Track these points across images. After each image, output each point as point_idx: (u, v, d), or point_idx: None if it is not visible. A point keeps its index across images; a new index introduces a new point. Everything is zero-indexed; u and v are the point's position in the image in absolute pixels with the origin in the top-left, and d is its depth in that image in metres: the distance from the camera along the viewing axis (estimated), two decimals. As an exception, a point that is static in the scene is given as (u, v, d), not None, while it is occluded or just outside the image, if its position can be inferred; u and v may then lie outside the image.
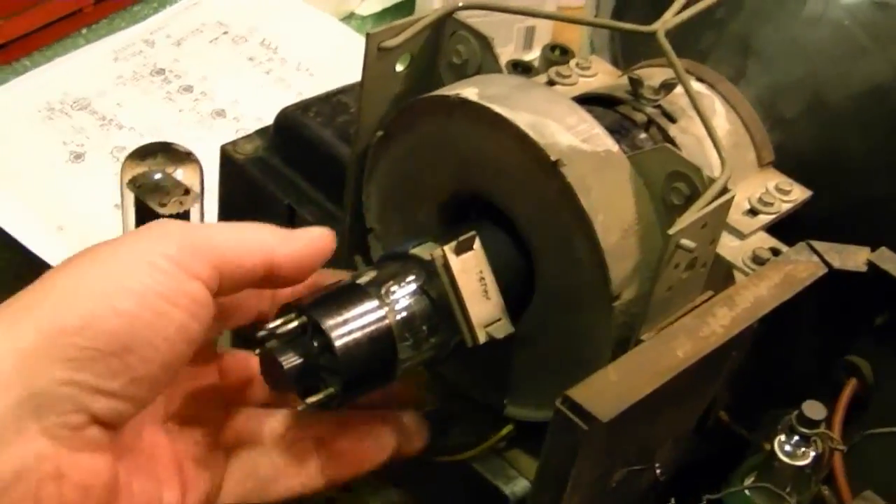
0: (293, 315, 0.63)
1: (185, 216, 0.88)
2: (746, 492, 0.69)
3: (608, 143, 0.66)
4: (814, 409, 0.67)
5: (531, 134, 0.64)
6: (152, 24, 1.43)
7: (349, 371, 0.62)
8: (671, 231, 0.59)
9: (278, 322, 0.62)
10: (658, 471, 0.68)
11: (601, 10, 0.94)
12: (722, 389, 0.71)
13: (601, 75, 0.81)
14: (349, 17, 1.56)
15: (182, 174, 0.90)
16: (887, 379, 0.72)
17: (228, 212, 0.98)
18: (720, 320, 0.63)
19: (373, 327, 0.63)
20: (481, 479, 0.72)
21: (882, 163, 0.80)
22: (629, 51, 0.87)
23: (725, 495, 0.69)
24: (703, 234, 0.62)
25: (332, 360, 0.62)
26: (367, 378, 0.63)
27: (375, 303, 0.63)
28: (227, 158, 0.95)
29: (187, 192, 0.88)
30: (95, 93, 1.33)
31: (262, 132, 0.96)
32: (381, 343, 0.63)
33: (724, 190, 0.62)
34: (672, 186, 0.64)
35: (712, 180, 0.62)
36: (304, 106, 0.94)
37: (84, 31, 1.46)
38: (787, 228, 0.75)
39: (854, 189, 0.81)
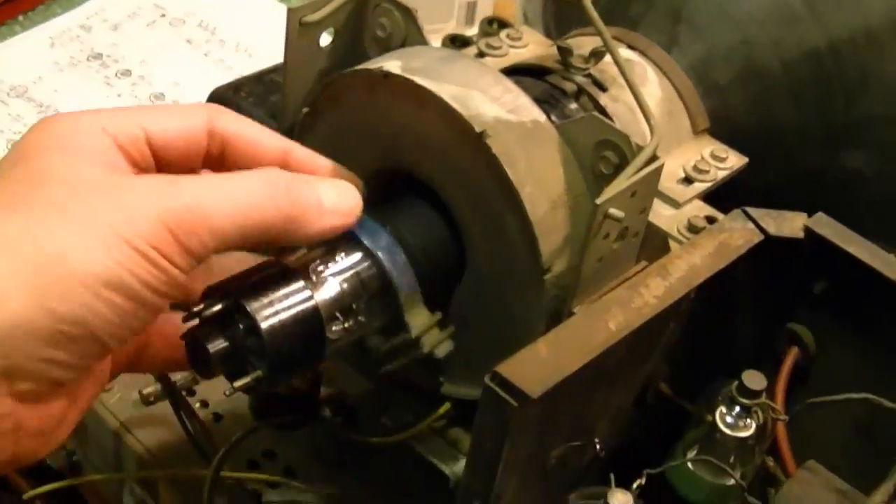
0: (218, 297, 0.61)
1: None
2: (689, 465, 0.67)
3: (535, 113, 0.64)
4: (754, 378, 0.65)
5: (455, 106, 0.62)
6: (89, 9, 1.41)
7: (276, 353, 0.60)
8: (599, 200, 0.58)
9: (203, 305, 0.61)
10: (598, 446, 0.67)
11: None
12: (661, 362, 0.69)
13: (532, 46, 0.80)
14: (290, -2, 1.54)
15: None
16: (828, 346, 0.71)
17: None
18: (653, 291, 0.62)
19: (299, 308, 0.61)
20: (421, 459, 0.71)
21: (816, 132, 0.79)
22: (562, 21, 0.86)
23: (668, 468, 0.67)
24: (633, 203, 0.60)
25: (259, 343, 0.60)
26: (294, 360, 0.62)
27: (301, 283, 0.62)
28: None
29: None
30: (32, 79, 1.31)
31: (195, 114, 0.94)
32: (308, 324, 0.61)
33: (654, 157, 0.61)
34: (601, 155, 0.63)
35: (641, 148, 0.61)
36: (236, 86, 0.92)
37: (21, 17, 1.43)
38: (726, 197, 0.74)
39: (790, 157, 0.80)
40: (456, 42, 0.96)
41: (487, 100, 0.63)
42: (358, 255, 0.63)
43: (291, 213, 0.58)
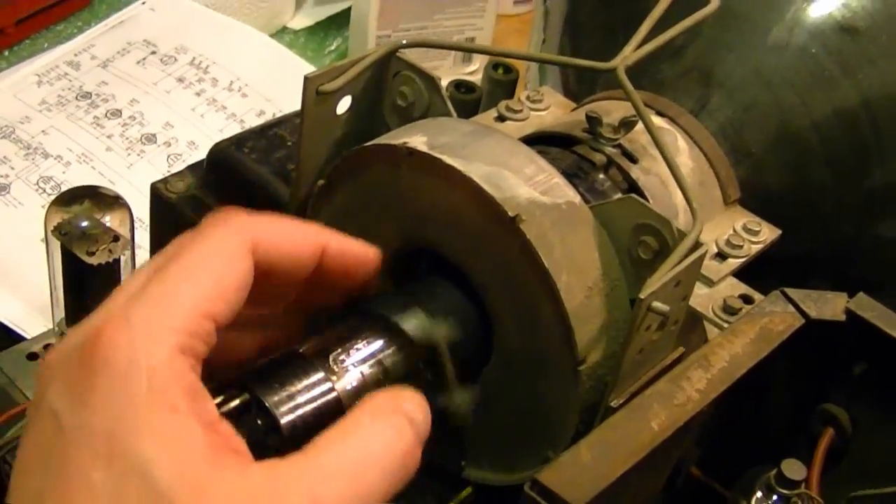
0: (234, 391, 0.58)
1: (114, 265, 0.82)
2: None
3: (569, 195, 0.61)
4: (793, 468, 0.63)
5: (487, 188, 0.59)
6: (76, 44, 1.37)
7: (297, 449, 0.57)
8: (642, 294, 0.55)
9: (219, 400, 0.57)
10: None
11: (549, 22, 0.89)
12: (691, 445, 0.67)
13: (553, 108, 0.77)
14: (281, 32, 1.50)
15: (110, 220, 0.84)
16: (865, 429, 0.69)
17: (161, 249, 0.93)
18: (695, 384, 0.59)
19: (320, 402, 0.58)
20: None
21: (852, 197, 0.76)
22: (583, 79, 0.83)
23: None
24: (676, 293, 0.57)
25: (279, 440, 0.57)
26: None
27: (321, 374, 0.58)
28: (158, 197, 0.89)
29: (116, 238, 0.82)
30: (19, 119, 1.26)
31: (194, 168, 0.91)
32: (329, 417, 0.58)
33: (697, 245, 0.58)
34: (640, 240, 0.60)
35: (682, 234, 0.58)
36: (239, 140, 0.89)
37: (6, 53, 1.39)
38: (755, 272, 0.71)
39: (824, 226, 0.77)
40: (461, 88, 0.94)
41: (520, 180, 0.60)
42: (381, 342, 0.60)
43: None
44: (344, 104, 0.69)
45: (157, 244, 0.92)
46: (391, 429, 0.52)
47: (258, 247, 0.53)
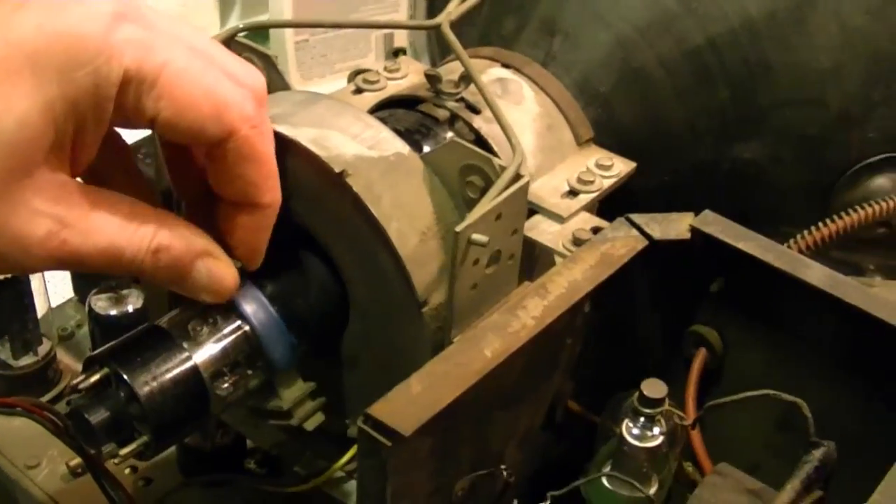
0: (96, 368, 0.60)
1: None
2: (604, 481, 0.66)
3: (397, 146, 0.63)
4: (654, 387, 0.64)
5: (313, 148, 0.62)
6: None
7: (157, 418, 0.59)
8: (458, 228, 0.57)
9: (82, 377, 0.60)
10: (505, 473, 0.66)
11: (416, 7, 0.91)
12: (565, 379, 0.68)
13: (412, 76, 0.79)
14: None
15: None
16: (735, 345, 0.70)
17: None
18: (531, 312, 0.61)
19: (177, 370, 0.60)
20: (336, 502, 0.70)
21: (704, 127, 0.78)
22: (445, 48, 0.85)
23: (586, 488, 0.66)
24: (500, 226, 0.60)
25: (140, 409, 0.59)
26: (178, 422, 0.61)
27: (178, 345, 0.61)
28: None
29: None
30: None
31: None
32: (188, 385, 0.61)
33: (517, 176, 0.60)
34: (466, 180, 0.62)
35: (504, 168, 0.60)
36: (134, 148, 0.91)
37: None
38: (621, 207, 0.73)
39: (681, 156, 0.79)
40: (356, 75, 0.96)
41: (347, 138, 0.62)
42: (235, 323, 0.63)
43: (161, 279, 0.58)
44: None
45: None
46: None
47: None
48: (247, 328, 0.62)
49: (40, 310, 0.90)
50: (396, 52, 0.97)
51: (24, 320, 0.88)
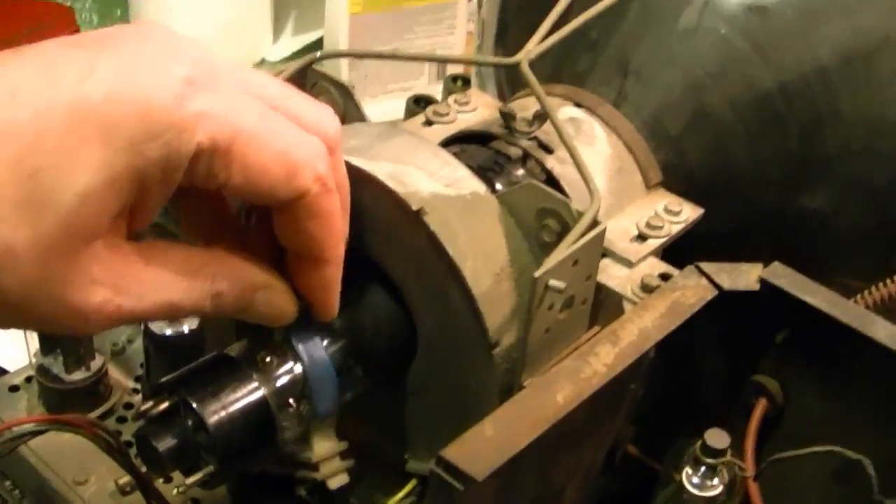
0: (164, 395, 0.60)
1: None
2: (661, 526, 0.66)
3: (474, 185, 0.63)
4: (717, 437, 0.64)
5: (391, 184, 0.62)
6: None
7: (225, 448, 0.60)
8: (537, 273, 0.57)
9: (150, 404, 0.60)
10: (565, 513, 0.66)
11: (485, 37, 0.91)
12: (626, 424, 0.68)
13: (481, 109, 0.79)
14: (260, 64, 1.53)
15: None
16: (796, 396, 0.70)
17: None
18: (603, 359, 0.61)
19: (246, 401, 0.60)
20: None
21: (773, 174, 0.78)
22: (514, 80, 0.85)
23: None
24: (576, 272, 0.60)
25: (207, 438, 0.59)
26: (244, 452, 0.61)
27: (248, 373, 0.61)
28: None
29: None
30: None
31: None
32: (256, 416, 0.61)
33: (595, 223, 0.60)
34: (543, 224, 0.62)
35: (582, 214, 0.60)
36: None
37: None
38: (689, 252, 0.73)
39: (748, 202, 0.79)
40: (420, 103, 0.96)
41: (425, 175, 0.63)
42: (291, 363, 0.63)
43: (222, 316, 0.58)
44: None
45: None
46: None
47: None
48: (299, 369, 0.62)
49: (93, 325, 0.90)
50: (455, 79, 0.96)
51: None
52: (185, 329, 0.84)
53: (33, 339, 0.91)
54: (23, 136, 0.48)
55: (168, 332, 0.84)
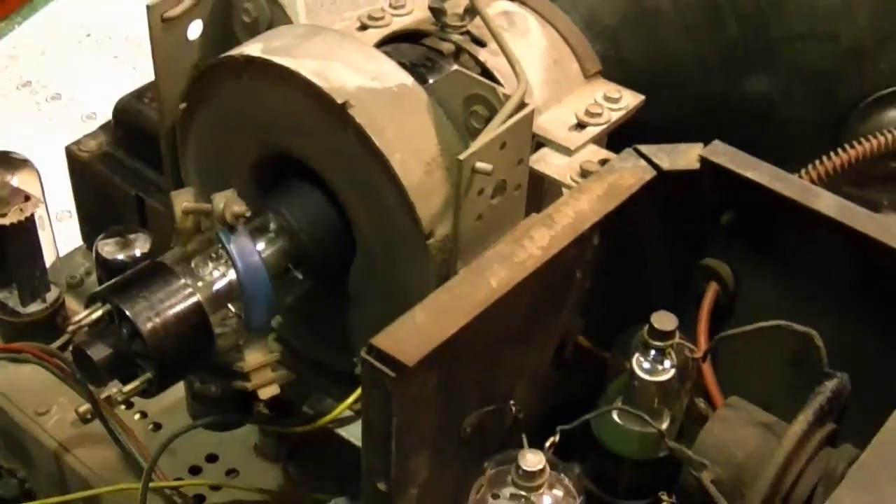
0: (98, 304, 0.60)
1: (29, 223, 0.85)
2: (614, 416, 0.65)
3: (401, 77, 0.62)
4: (664, 319, 0.63)
5: (316, 80, 0.61)
6: (15, 38, 1.39)
7: (160, 354, 0.59)
8: (461, 156, 0.56)
9: (84, 314, 0.60)
10: (514, 409, 0.65)
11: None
12: (575, 315, 0.67)
13: (417, 11, 0.78)
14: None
15: (19, 181, 0.86)
16: (747, 277, 0.69)
17: (84, 210, 0.96)
18: (538, 242, 0.59)
19: (180, 306, 0.60)
20: (345, 442, 0.70)
21: (713, 61, 0.77)
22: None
23: (596, 424, 0.65)
24: (505, 155, 0.59)
25: (143, 345, 0.59)
26: (181, 358, 0.60)
27: (182, 280, 0.60)
28: (72, 158, 0.93)
29: (28, 198, 0.85)
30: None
31: (105, 127, 0.94)
32: (191, 321, 0.60)
33: (522, 105, 0.59)
34: (471, 110, 0.61)
35: (509, 97, 0.59)
36: (139, 93, 0.91)
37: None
38: (633, 140, 0.72)
39: (690, 89, 0.78)
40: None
41: (350, 70, 0.62)
42: (225, 268, 0.62)
43: None
44: (195, 29, 0.70)
45: (80, 202, 0.95)
46: None
47: None
48: (233, 274, 0.61)
49: (49, 258, 0.90)
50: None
51: (31, 268, 0.87)
52: (137, 252, 0.83)
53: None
54: None
55: (120, 256, 0.84)
